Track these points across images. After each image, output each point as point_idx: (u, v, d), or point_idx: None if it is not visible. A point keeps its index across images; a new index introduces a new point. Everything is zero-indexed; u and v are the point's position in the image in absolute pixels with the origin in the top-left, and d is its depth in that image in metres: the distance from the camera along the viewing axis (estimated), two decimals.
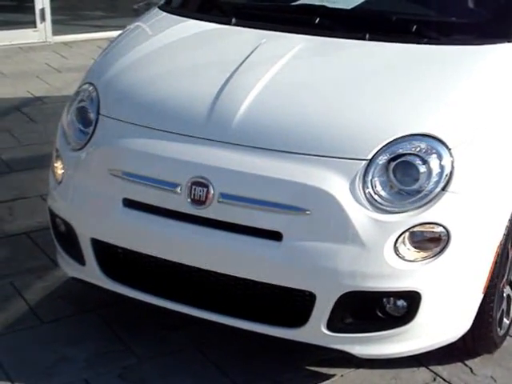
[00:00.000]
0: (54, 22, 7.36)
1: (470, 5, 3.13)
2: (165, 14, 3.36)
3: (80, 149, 2.80)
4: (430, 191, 2.40)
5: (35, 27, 7.30)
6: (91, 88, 2.91)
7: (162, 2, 3.50)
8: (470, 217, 2.46)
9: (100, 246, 2.73)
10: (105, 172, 2.67)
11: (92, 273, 2.79)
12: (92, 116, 2.83)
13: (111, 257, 2.76)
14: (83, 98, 2.92)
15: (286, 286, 2.47)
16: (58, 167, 2.88)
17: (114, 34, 3.60)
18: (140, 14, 3.63)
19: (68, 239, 2.85)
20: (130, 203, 2.64)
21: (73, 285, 3.07)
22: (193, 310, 2.63)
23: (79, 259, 2.82)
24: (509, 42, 2.84)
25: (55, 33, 7.36)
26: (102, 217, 2.71)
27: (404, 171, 2.43)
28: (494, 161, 2.57)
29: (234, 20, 3.10)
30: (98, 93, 2.87)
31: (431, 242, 2.42)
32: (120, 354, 2.83)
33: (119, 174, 2.64)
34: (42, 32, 7.31)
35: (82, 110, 2.89)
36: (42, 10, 7.29)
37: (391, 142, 2.44)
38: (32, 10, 7.29)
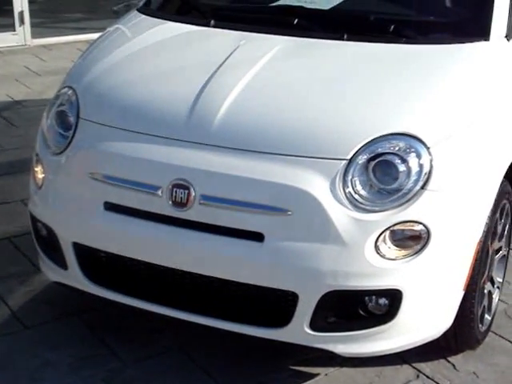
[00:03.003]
0: (33, 25, 7.34)
1: (448, 4, 3.16)
2: (144, 16, 3.36)
3: (60, 153, 2.80)
4: (410, 190, 2.42)
5: (14, 30, 7.27)
6: (70, 92, 2.90)
7: (140, 5, 3.50)
8: (449, 214, 2.48)
9: (82, 250, 2.73)
10: (85, 176, 2.67)
11: (74, 277, 2.79)
12: (72, 120, 2.82)
13: (93, 260, 2.75)
14: (62, 101, 2.91)
15: (268, 286, 2.47)
16: (39, 171, 2.88)
17: (94, 36, 3.60)
18: (120, 15, 3.62)
19: (50, 244, 2.85)
20: (111, 206, 2.63)
21: (55, 289, 3.06)
22: (176, 312, 2.64)
23: (61, 263, 2.82)
24: (486, 40, 2.87)
25: (34, 36, 7.33)
26: (84, 221, 2.70)
27: (383, 170, 2.44)
28: (472, 159, 2.59)
29: (212, 22, 3.11)
30: (77, 96, 2.86)
31: (411, 240, 2.43)
32: (104, 358, 2.83)
33: (100, 177, 2.64)
34: (21, 35, 7.28)
35: (61, 113, 2.88)
36: (21, 13, 7.26)
37: (370, 141, 2.45)
38: (11, 13, 7.26)
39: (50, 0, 8.52)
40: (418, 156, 2.45)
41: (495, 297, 3.01)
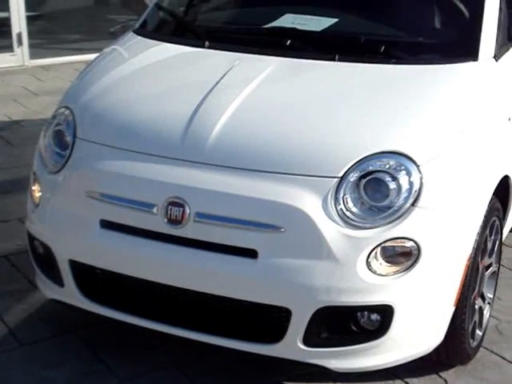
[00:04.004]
0: (31, 46, 7.40)
1: (437, 25, 3.21)
2: (139, 37, 3.41)
3: (57, 172, 2.84)
4: (400, 207, 2.46)
5: (12, 51, 7.34)
6: (67, 111, 2.95)
7: (136, 26, 3.56)
8: (439, 231, 2.52)
9: (78, 268, 2.76)
10: (82, 194, 2.71)
11: (71, 294, 2.82)
12: (68, 139, 2.87)
13: (90, 278, 2.78)
14: (60, 121, 2.95)
15: (262, 302, 2.51)
16: (36, 190, 2.91)
17: (91, 56, 3.65)
18: (117, 36, 3.68)
19: (46, 261, 2.88)
20: (107, 224, 2.67)
21: (52, 306, 3.09)
22: (171, 329, 2.67)
23: (58, 281, 2.85)
24: (474, 60, 2.93)
25: (32, 56, 7.40)
26: (80, 238, 2.74)
27: (374, 188, 2.49)
28: (462, 176, 2.64)
29: (207, 43, 3.17)
30: (74, 116, 2.91)
31: (402, 256, 2.47)
32: (100, 375, 2.85)
33: (96, 195, 2.68)
34: (19, 56, 7.35)
35: (58, 133, 2.93)
36: (19, 34, 7.33)
37: (361, 159, 2.50)
38: (9, 34, 7.33)
39: (47, 21, 8.59)
40: (408, 174, 2.49)
41: (486, 312, 3.04)
